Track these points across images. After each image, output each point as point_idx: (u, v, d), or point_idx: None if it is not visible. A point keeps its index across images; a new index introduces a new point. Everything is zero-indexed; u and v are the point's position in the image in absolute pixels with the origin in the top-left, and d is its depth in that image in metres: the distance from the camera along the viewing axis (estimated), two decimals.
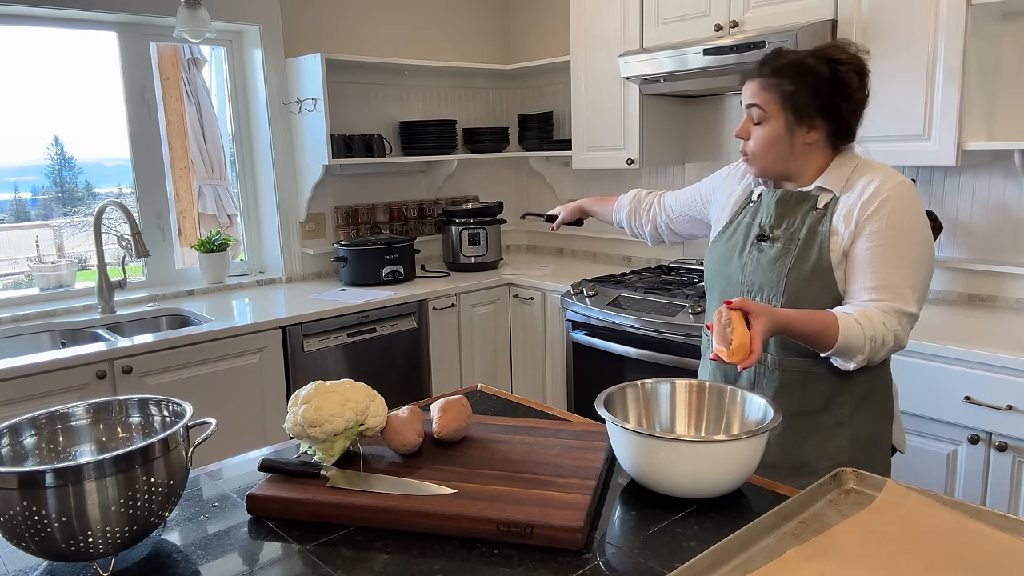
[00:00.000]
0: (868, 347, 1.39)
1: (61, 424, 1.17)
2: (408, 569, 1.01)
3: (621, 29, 3.11)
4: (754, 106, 1.53)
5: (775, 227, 1.55)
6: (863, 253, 1.46)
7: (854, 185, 1.50)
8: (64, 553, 0.98)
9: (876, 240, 1.45)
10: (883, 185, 1.46)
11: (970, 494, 2.06)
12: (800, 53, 1.52)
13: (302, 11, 3.38)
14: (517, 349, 3.49)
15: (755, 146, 1.55)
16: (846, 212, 1.48)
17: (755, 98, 1.52)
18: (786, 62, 1.51)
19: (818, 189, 1.53)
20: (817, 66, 1.48)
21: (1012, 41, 2.38)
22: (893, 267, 1.44)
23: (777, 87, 1.50)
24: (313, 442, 1.25)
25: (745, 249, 1.59)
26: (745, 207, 1.65)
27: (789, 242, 1.52)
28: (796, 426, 1.53)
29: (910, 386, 2.12)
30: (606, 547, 1.06)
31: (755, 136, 1.54)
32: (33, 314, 2.78)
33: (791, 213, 1.54)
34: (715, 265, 1.66)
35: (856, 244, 1.47)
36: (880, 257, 1.44)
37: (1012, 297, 2.49)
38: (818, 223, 1.50)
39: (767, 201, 1.59)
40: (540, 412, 1.62)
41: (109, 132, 3.14)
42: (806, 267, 1.49)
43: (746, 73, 1.57)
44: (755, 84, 1.53)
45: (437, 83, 3.85)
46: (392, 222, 3.76)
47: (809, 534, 1.01)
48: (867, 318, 1.40)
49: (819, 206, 1.52)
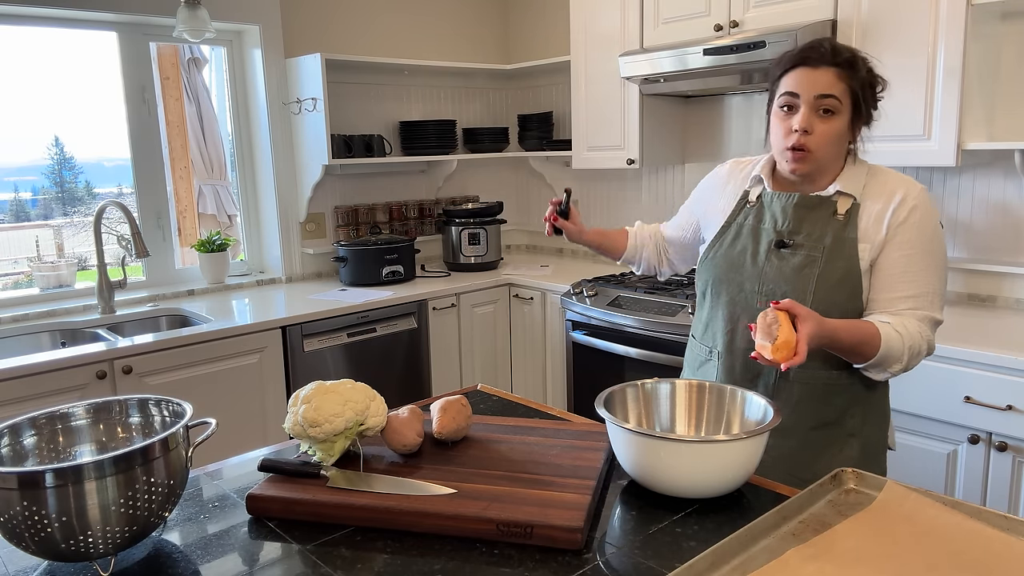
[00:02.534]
0: (907, 356, 1.38)
1: (61, 424, 1.17)
2: (408, 569, 1.01)
3: (621, 29, 3.11)
4: (829, 96, 1.40)
5: (795, 233, 1.47)
6: (896, 261, 1.43)
7: (874, 191, 1.46)
8: (64, 553, 0.98)
9: (908, 249, 1.42)
10: (910, 192, 1.44)
11: (970, 494, 2.06)
12: (848, 47, 1.45)
13: (302, 11, 3.38)
14: (517, 349, 3.49)
15: (819, 141, 1.42)
16: (875, 219, 1.44)
17: (832, 88, 1.40)
18: (852, 55, 1.42)
19: (837, 194, 1.47)
20: (863, 64, 1.43)
21: (1012, 41, 2.38)
22: (924, 275, 1.43)
23: (852, 79, 1.41)
24: (313, 442, 1.25)
25: (760, 256, 1.50)
26: (742, 208, 1.57)
27: (813, 249, 1.45)
28: (810, 442, 1.49)
29: (910, 386, 2.12)
30: (606, 547, 1.06)
31: (819, 130, 1.42)
32: (33, 314, 2.77)
33: (810, 218, 1.47)
34: (721, 272, 1.56)
35: (887, 252, 1.43)
36: (913, 266, 1.42)
37: (1012, 297, 2.49)
38: (843, 230, 1.44)
39: (781, 205, 1.51)
40: (540, 412, 1.62)
41: (109, 132, 3.14)
42: (834, 276, 1.44)
43: (811, 60, 1.42)
44: (831, 74, 1.40)
45: (437, 83, 3.85)
46: (392, 222, 3.76)
47: (809, 534, 1.01)
48: (904, 327, 1.38)
49: (840, 211, 1.45)
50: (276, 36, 3.26)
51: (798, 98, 1.42)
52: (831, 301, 1.42)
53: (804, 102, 1.42)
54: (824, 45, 1.43)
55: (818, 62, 1.41)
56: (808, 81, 1.41)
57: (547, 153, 3.72)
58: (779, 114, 1.46)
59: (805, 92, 1.41)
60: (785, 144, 1.45)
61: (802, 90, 1.42)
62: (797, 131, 1.42)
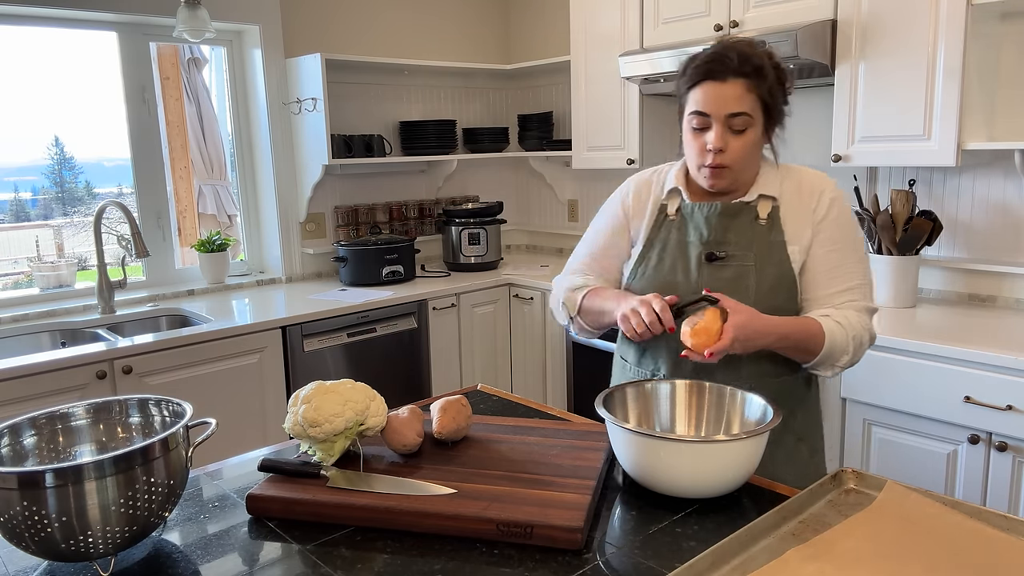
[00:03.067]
0: (852, 347, 1.39)
1: (61, 424, 1.17)
2: (408, 569, 1.01)
3: (621, 29, 3.11)
4: (740, 115, 1.36)
5: (722, 244, 1.45)
6: (826, 258, 1.43)
7: (792, 190, 1.46)
8: (64, 553, 0.98)
9: (836, 244, 1.43)
10: (826, 187, 1.45)
11: (970, 494, 2.06)
12: (753, 48, 1.38)
13: (302, 11, 3.38)
14: (517, 349, 3.49)
15: (735, 156, 1.39)
16: (797, 218, 1.44)
17: (742, 104, 1.36)
18: (759, 62, 1.36)
19: (759, 198, 1.45)
20: (770, 65, 1.39)
21: (1012, 41, 2.38)
22: (855, 267, 1.44)
23: (761, 87, 1.36)
24: (313, 442, 1.25)
25: (691, 271, 1.46)
26: (662, 223, 1.52)
27: (744, 259, 1.43)
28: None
29: (910, 386, 2.12)
30: (606, 547, 1.06)
31: (734, 147, 1.38)
32: (33, 314, 2.77)
33: (734, 227, 1.45)
34: (651, 285, 1.49)
35: (815, 250, 1.44)
36: (844, 260, 1.44)
37: (1012, 297, 2.49)
38: (769, 234, 1.43)
39: (704, 216, 1.47)
40: (540, 412, 1.62)
41: (109, 132, 3.14)
42: (769, 282, 1.42)
43: (718, 73, 1.36)
44: (740, 87, 1.35)
45: (437, 83, 3.85)
46: (392, 222, 3.76)
47: (809, 534, 1.01)
48: (846, 319, 1.39)
49: (762, 216, 1.44)
50: (276, 36, 3.26)
51: (709, 117, 1.38)
52: (771, 307, 1.40)
53: (716, 120, 1.37)
54: (730, 55, 1.36)
55: (725, 74, 1.36)
56: (717, 98, 1.36)
57: (547, 153, 3.72)
58: (691, 131, 1.43)
59: (715, 111, 1.37)
60: (701, 161, 1.42)
61: (712, 109, 1.37)
62: (710, 150, 1.39)
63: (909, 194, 2.45)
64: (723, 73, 1.36)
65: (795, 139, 2.95)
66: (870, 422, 2.25)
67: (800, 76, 2.66)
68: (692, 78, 1.41)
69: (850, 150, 2.49)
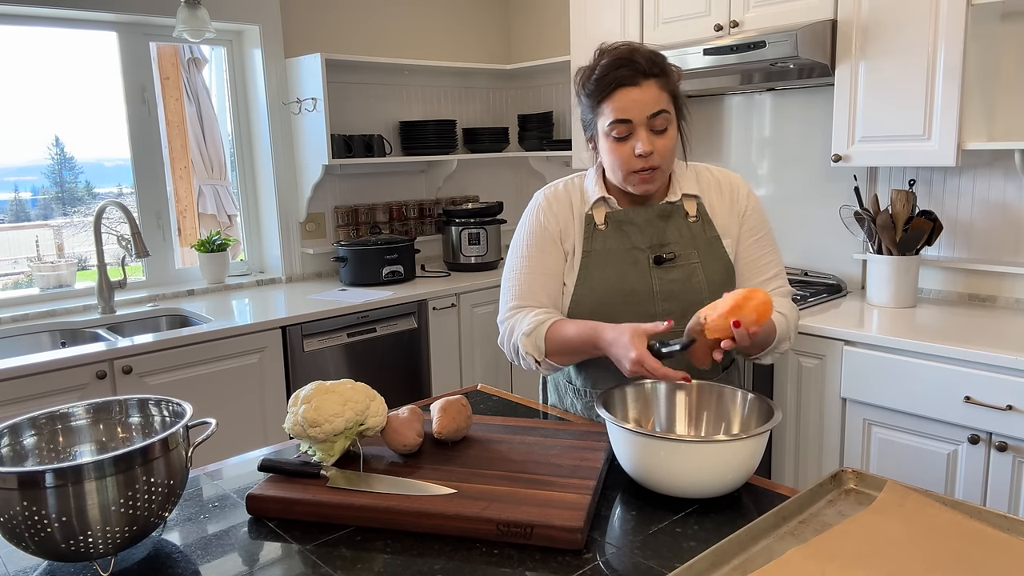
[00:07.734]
0: (792, 332, 1.47)
1: (61, 424, 1.17)
2: (408, 569, 1.01)
3: (621, 29, 3.11)
4: (661, 113, 1.36)
5: (665, 245, 1.47)
6: (754, 247, 1.51)
7: (709, 186, 1.52)
8: (64, 553, 0.98)
9: (758, 233, 1.52)
10: (736, 180, 1.53)
11: (970, 494, 2.06)
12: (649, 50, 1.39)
13: (302, 11, 3.38)
14: None
15: (662, 157, 1.39)
16: (723, 213, 1.50)
17: (660, 103, 1.36)
18: (662, 60, 1.38)
19: (683, 197, 1.49)
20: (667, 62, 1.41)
21: (1012, 41, 2.38)
22: (775, 254, 1.54)
23: (669, 84, 1.38)
24: (313, 442, 1.25)
25: (644, 276, 1.46)
26: (592, 235, 1.50)
27: (690, 257, 1.47)
28: None
29: (910, 386, 2.12)
30: (606, 547, 1.06)
31: (660, 147, 1.38)
32: (33, 314, 2.77)
33: (671, 228, 1.48)
34: (606, 304, 1.47)
35: (743, 241, 1.51)
36: (766, 247, 1.52)
37: (1012, 297, 2.49)
38: (704, 231, 1.49)
39: (642, 220, 1.47)
40: (540, 412, 1.62)
41: (109, 132, 3.14)
42: (717, 277, 1.48)
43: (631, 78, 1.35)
44: (654, 86, 1.36)
45: (437, 83, 3.85)
46: (392, 222, 3.76)
47: (809, 534, 1.01)
48: (781, 305, 1.46)
49: (691, 214, 1.49)
50: (276, 36, 3.26)
51: (631, 123, 1.37)
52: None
53: (639, 125, 1.37)
54: (637, 58, 1.37)
55: (637, 78, 1.36)
56: (636, 102, 1.36)
57: (547, 153, 3.72)
58: (612, 141, 1.41)
59: (637, 115, 1.36)
60: (630, 169, 1.41)
61: (633, 114, 1.36)
62: (641, 155, 1.38)
63: (909, 194, 2.45)
64: (635, 77, 1.36)
65: (795, 139, 2.95)
66: (870, 422, 2.25)
67: (800, 76, 2.66)
68: (602, 90, 1.39)
69: (850, 150, 2.49)
